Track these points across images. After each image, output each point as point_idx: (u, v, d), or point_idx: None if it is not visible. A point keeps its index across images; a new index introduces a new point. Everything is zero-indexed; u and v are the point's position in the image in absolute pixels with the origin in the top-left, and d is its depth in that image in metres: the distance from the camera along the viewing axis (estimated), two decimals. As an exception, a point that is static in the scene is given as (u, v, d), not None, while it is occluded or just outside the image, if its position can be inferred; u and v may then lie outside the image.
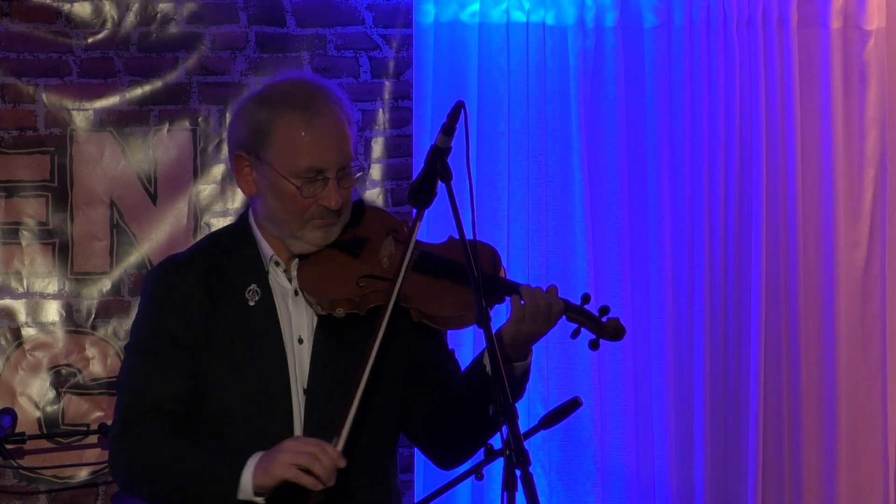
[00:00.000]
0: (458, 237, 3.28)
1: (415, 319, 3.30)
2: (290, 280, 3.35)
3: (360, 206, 3.44)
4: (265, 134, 3.30)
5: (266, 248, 3.36)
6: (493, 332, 3.14)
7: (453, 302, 3.29)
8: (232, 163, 3.38)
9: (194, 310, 3.31)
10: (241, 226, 3.44)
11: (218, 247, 3.41)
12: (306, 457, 3.10)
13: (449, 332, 3.43)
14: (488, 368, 3.24)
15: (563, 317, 3.29)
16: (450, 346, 3.48)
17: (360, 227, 3.41)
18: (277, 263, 3.36)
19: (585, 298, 3.32)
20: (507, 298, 3.31)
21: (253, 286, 3.34)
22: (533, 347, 3.37)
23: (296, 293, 3.34)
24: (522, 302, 3.25)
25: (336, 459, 3.11)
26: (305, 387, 3.30)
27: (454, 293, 3.29)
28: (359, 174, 3.40)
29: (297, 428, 3.29)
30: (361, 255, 3.36)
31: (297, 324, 3.34)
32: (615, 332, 3.32)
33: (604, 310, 3.31)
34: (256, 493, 3.15)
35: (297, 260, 3.35)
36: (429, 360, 3.41)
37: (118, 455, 3.29)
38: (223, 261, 3.36)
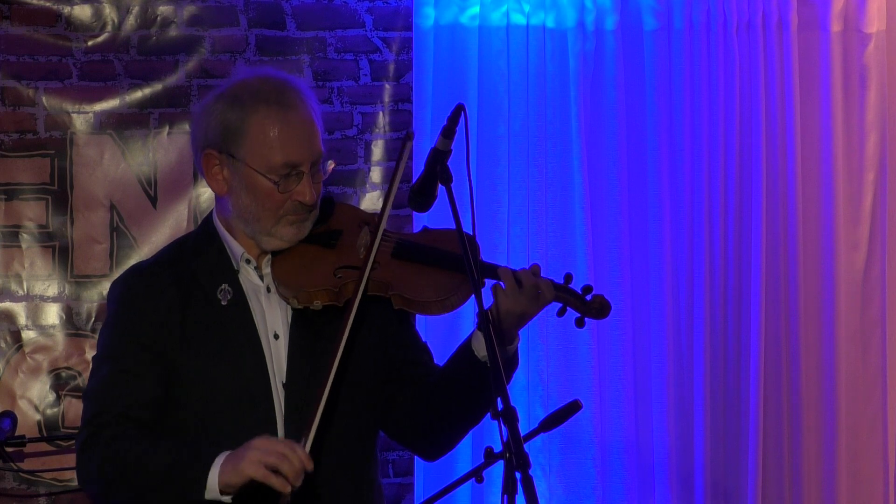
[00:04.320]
0: (431, 228, 3.29)
1: (396, 307, 3.30)
2: (261, 278, 3.35)
3: (329, 202, 3.45)
4: (237, 131, 3.29)
5: (236, 247, 3.36)
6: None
7: (435, 286, 3.28)
8: (200, 162, 3.36)
9: (164, 315, 3.30)
10: (205, 228, 3.43)
11: (184, 250, 3.40)
12: (275, 456, 3.07)
13: (440, 321, 3.42)
14: (479, 355, 3.24)
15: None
16: (449, 341, 3.48)
17: (332, 220, 3.42)
18: (249, 261, 3.36)
19: (568, 278, 3.32)
20: (487, 281, 3.30)
21: (224, 286, 3.33)
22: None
23: (268, 290, 3.35)
24: (503, 285, 3.25)
25: (305, 460, 3.09)
26: (284, 381, 3.30)
27: (435, 278, 3.29)
28: (331, 167, 3.41)
29: (280, 423, 3.29)
30: (337, 247, 3.36)
31: (272, 320, 3.33)
32: (601, 307, 3.31)
33: (587, 288, 3.31)
34: (223, 492, 3.12)
35: (269, 257, 3.35)
36: (406, 355, 3.42)
37: (87, 464, 3.26)
38: (191, 263, 3.35)
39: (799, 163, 5.53)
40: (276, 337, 3.33)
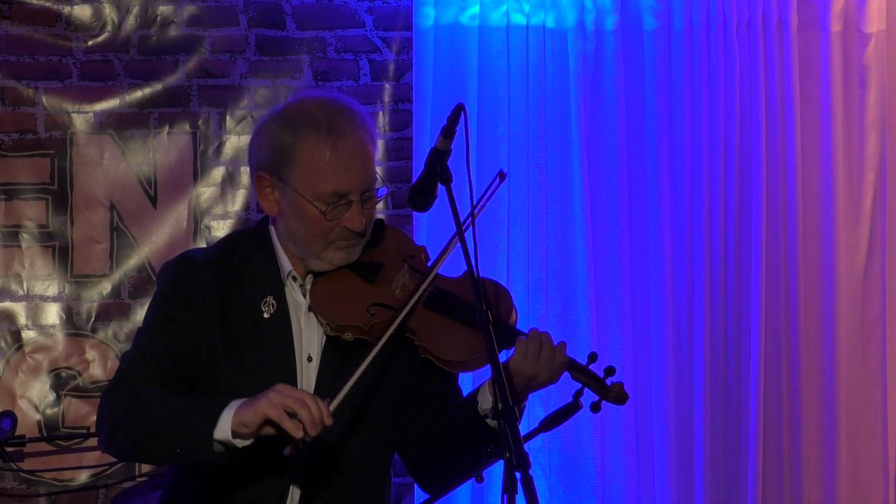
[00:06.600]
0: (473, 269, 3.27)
1: (421, 355, 3.28)
2: (304, 295, 3.34)
3: (381, 226, 3.42)
4: (287, 156, 3.27)
5: (285, 263, 3.34)
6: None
7: (461, 346, 3.26)
8: (253, 183, 3.34)
9: (206, 309, 3.29)
10: (259, 233, 3.41)
11: (235, 251, 3.38)
12: (296, 401, 3.02)
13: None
14: (481, 409, 3.23)
15: (568, 375, 3.29)
16: None
17: (378, 249, 3.38)
18: (294, 278, 3.34)
19: (592, 357, 3.32)
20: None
21: (269, 298, 3.32)
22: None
23: (309, 309, 3.33)
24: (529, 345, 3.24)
25: (325, 413, 3.02)
26: None
27: (463, 336, 3.27)
28: (384, 195, 3.37)
29: None
30: (375, 282, 3.33)
31: (308, 341, 3.32)
32: (618, 396, 3.33)
33: (609, 370, 3.31)
34: (235, 433, 3.05)
35: (311, 275, 3.34)
36: (429, 387, 3.40)
37: (104, 407, 3.23)
38: (238, 266, 3.34)
39: (799, 163, 5.53)
40: (310, 360, 3.31)
